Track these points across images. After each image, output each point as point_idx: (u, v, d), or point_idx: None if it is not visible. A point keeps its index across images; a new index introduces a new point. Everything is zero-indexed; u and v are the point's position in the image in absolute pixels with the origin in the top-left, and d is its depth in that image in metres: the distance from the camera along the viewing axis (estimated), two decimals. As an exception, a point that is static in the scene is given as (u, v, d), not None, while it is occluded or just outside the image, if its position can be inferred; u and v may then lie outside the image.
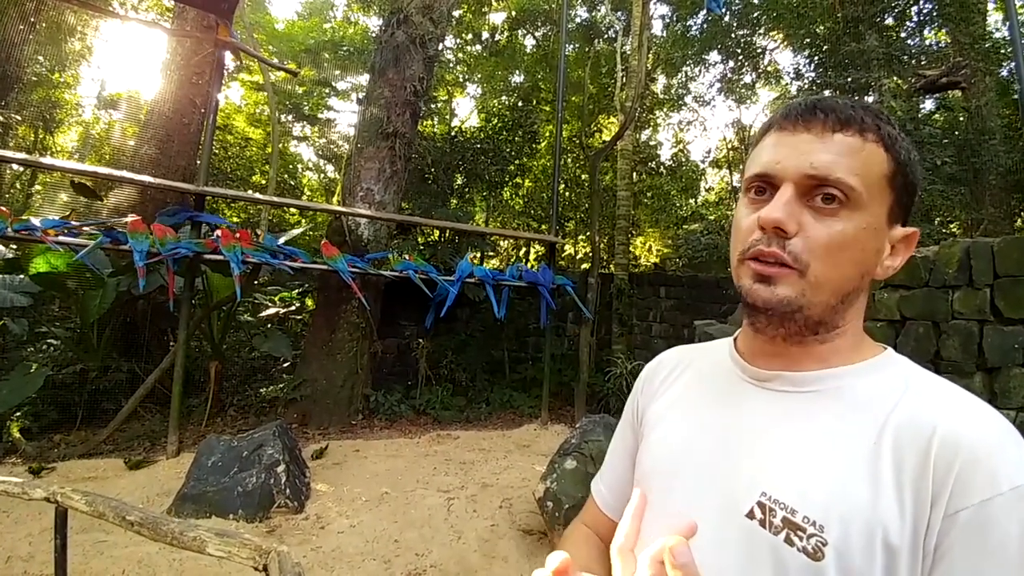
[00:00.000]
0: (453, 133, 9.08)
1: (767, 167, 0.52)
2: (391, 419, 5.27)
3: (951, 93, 7.85)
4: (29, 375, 3.94)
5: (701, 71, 11.20)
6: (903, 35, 7.87)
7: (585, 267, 9.00)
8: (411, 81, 5.77)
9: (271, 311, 6.77)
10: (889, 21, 7.63)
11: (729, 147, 12.88)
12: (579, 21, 10.47)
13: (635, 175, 9.86)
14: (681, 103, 11.88)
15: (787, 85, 11.00)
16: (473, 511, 3.13)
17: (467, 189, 8.75)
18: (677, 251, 10.62)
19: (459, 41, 11.28)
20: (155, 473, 3.52)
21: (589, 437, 3.01)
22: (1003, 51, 6.99)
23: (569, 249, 11.24)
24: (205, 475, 3.01)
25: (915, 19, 7.89)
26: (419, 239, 6.86)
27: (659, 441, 0.62)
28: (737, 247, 0.55)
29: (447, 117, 11.77)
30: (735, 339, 0.64)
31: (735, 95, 11.63)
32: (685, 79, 11.43)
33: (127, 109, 10.48)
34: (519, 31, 10.86)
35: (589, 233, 8.55)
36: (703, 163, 12.84)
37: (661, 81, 11.80)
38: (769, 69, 11.21)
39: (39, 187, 9.40)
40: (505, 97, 11.31)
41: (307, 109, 13.05)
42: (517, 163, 9.10)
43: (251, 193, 8.82)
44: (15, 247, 4.68)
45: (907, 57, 7.01)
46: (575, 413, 5.80)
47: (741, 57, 10.29)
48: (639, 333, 7.68)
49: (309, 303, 6.87)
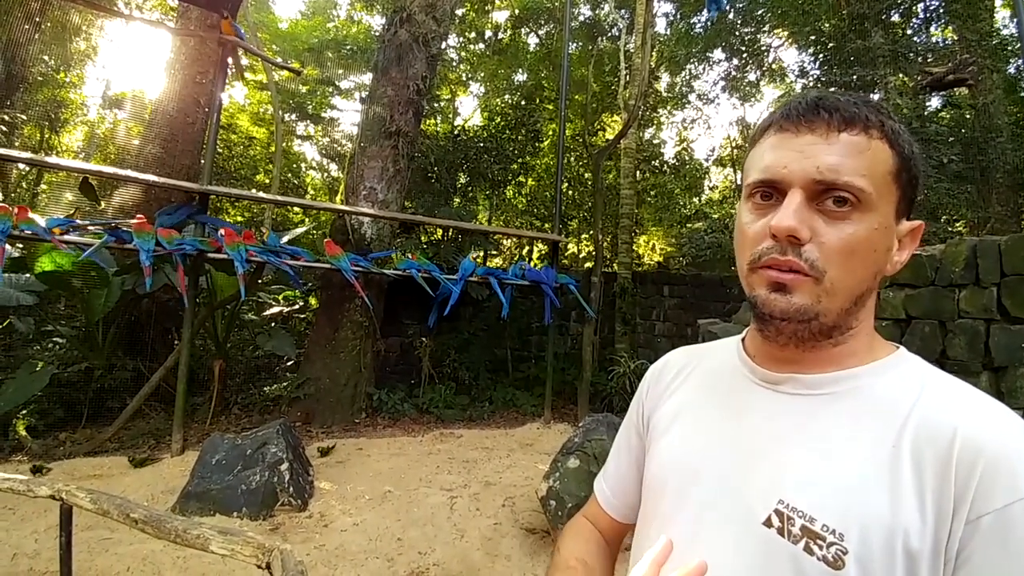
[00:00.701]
0: (456, 132, 9.08)
1: (773, 173, 0.50)
2: (394, 418, 5.27)
3: (958, 90, 7.79)
4: (35, 373, 3.96)
5: (705, 69, 11.16)
6: (909, 32, 7.80)
7: (588, 266, 8.97)
8: (414, 80, 5.77)
9: (275, 310, 6.79)
10: (895, 18, 7.56)
11: (733, 145, 12.83)
12: (582, 19, 10.42)
13: (638, 173, 9.83)
14: (685, 101, 11.86)
15: (792, 83, 10.94)
16: (476, 510, 3.14)
17: (470, 188, 8.75)
18: (681, 250, 10.58)
19: (462, 39, 11.27)
20: (159, 471, 3.54)
21: (592, 436, 3.00)
22: (1010, 48, 6.93)
23: (572, 248, 11.22)
24: (209, 473, 3.02)
25: (921, 16, 7.83)
26: (422, 238, 6.86)
27: (669, 447, 0.61)
28: (746, 255, 0.53)
29: (450, 116, 11.77)
30: (743, 339, 0.63)
31: (739, 93, 11.59)
32: (689, 77, 11.40)
33: (132, 108, 10.55)
34: (522, 29, 10.83)
35: (592, 232, 8.53)
36: (707, 161, 12.82)
37: (665, 79, 11.77)
38: (774, 67, 11.16)
39: (44, 186, 9.46)
40: (508, 96, 11.29)
41: (311, 108, 13.09)
42: (520, 162, 9.09)
43: (255, 192, 8.87)
44: (20, 246, 4.70)
45: (913, 54, 6.94)
46: (578, 412, 5.80)
47: (745, 55, 10.23)
48: (642, 332, 7.67)
49: (313, 302, 6.88)
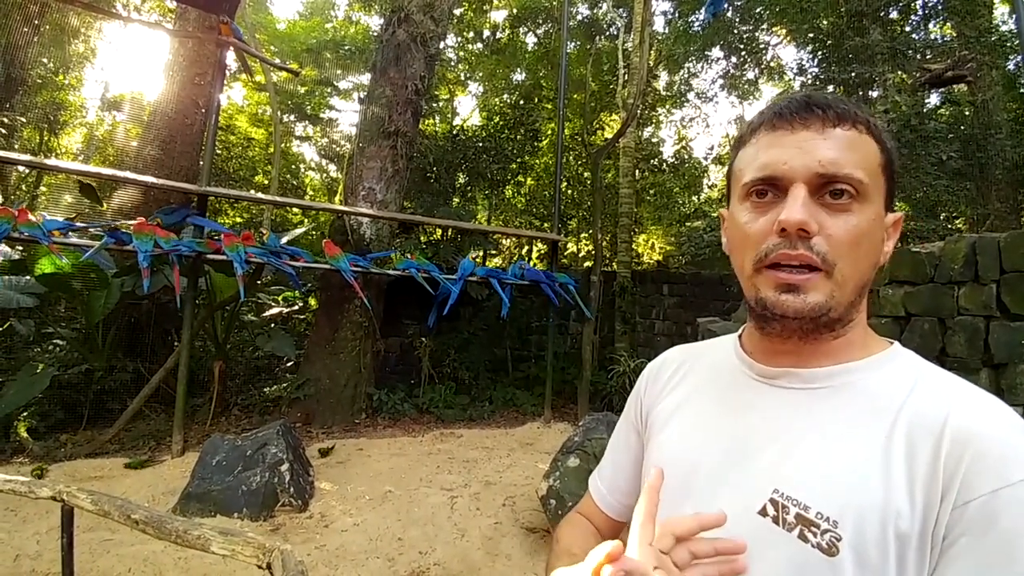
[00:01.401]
0: (455, 131, 9.07)
1: (774, 169, 0.51)
2: (394, 418, 5.28)
3: (957, 87, 7.79)
4: (35, 375, 3.97)
5: (703, 67, 11.12)
6: (908, 29, 7.79)
7: (588, 265, 8.97)
8: (412, 80, 5.77)
9: (274, 311, 6.80)
10: (894, 15, 7.54)
11: (732, 144, 12.81)
12: (580, 18, 10.41)
13: (637, 172, 9.82)
14: (683, 100, 11.82)
15: (790, 81, 10.92)
16: (476, 509, 3.14)
17: (469, 188, 8.75)
18: (680, 248, 10.58)
19: (460, 39, 11.26)
20: (160, 472, 3.55)
21: (592, 435, 3.01)
22: (1009, 44, 6.91)
23: (572, 247, 11.21)
24: (209, 474, 3.03)
25: (920, 12, 7.81)
26: (421, 238, 6.86)
27: (668, 442, 0.61)
28: (749, 255, 0.53)
29: (449, 116, 11.76)
30: (740, 336, 0.63)
31: (738, 91, 11.57)
32: (687, 76, 11.38)
33: (130, 110, 10.56)
34: (520, 29, 10.83)
35: (592, 231, 8.52)
36: (706, 160, 12.77)
37: (663, 78, 11.75)
38: (772, 65, 11.14)
39: (44, 188, 9.46)
40: (507, 95, 11.28)
41: (309, 109, 13.08)
42: (519, 161, 9.07)
43: (254, 193, 8.87)
44: (20, 248, 4.71)
45: (912, 51, 6.92)
46: (578, 411, 5.80)
47: (744, 53, 10.21)
48: (642, 331, 7.68)
49: (312, 303, 6.88)
